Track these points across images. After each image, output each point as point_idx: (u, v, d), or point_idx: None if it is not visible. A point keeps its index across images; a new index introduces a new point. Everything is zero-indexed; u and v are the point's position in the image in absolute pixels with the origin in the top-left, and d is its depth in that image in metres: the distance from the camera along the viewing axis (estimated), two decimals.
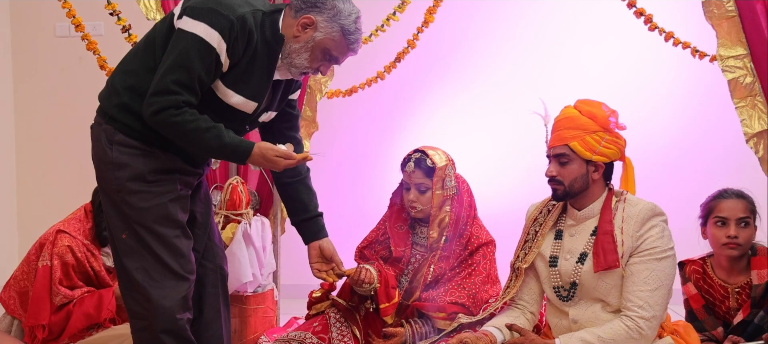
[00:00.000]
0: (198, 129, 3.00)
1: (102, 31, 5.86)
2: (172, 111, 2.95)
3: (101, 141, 3.07)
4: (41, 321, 3.78)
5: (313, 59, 3.17)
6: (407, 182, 3.79)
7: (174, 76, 2.94)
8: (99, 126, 3.10)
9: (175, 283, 3.10)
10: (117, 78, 3.10)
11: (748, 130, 4.21)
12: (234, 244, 4.52)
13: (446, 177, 3.75)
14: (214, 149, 3.09)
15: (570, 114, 3.33)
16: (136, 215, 3.05)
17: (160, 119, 2.97)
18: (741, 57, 4.19)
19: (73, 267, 3.84)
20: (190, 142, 3.06)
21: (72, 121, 6.31)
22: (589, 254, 3.29)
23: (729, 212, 3.58)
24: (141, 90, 3.02)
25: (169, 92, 2.94)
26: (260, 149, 3.11)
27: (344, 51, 3.18)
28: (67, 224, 3.91)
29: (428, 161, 3.73)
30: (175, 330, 3.12)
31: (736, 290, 3.61)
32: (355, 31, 3.14)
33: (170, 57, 2.96)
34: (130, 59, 3.14)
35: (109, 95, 3.10)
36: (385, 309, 3.70)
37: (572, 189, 3.30)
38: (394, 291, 3.73)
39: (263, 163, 3.15)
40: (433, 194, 3.73)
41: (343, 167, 6.50)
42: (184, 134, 3.02)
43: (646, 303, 3.14)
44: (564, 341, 3.20)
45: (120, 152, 3.03)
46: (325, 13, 3.09)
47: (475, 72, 6.35)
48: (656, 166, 6.05)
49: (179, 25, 2.99)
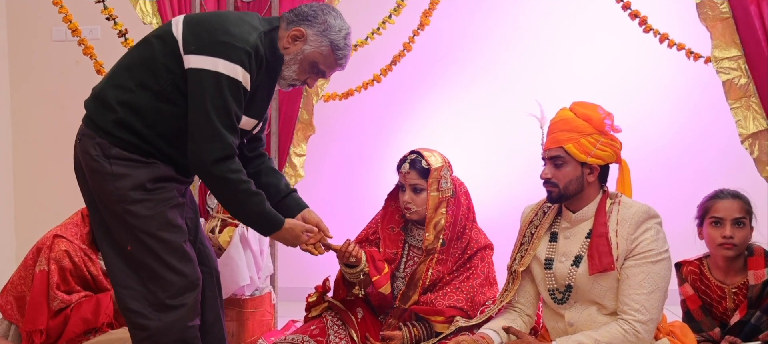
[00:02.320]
0: (247, 192, 3.10)
1: (98, 36, 5.88)
2: (229, 163, 3.02)
3: (95, 154, 3.03)
4: (39, 325, 3.78)
5: (301, 72, 3.22)
6: (402, 183, 3.80)
7: (220, 121, 2.97)
8: (91, 139, 3.06)
9: (186, 289, 3.08)
10: (109, 93, 3.06)
11: (743, 131, 4.23)
12: (231, 247, 4.52)
13: (442, 179, 3.75)
14: (252, 214, 3.18)
15: (565, 116, 3.33)
16: (141, 223, 3.02)
17: (220, 169, 3.02)
18: (735, 58, 4.21)
19: (71, 272, 3.84)
20: (235, 201, 3.14)
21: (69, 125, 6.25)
22: (584, 256, 3.30)
23: (724, 213, 3.58)
24: (136, 107, 3.01)
25: (222, 138, 2.99)
26: (290, 223, 3.26)
27: (332, 65, 3.24)
28: (64, 228, 3.91)
29: (423, 162, 3.73)
30: (185, 339, 3.10)
31: (733, 290, 3.62)
32: (344, 46, 3.20)
33: (203, 99, 2.96)
34: (121, 74, 3.09)
35: (102, 109, 3.06)
36: (378, 281, 3.69)
37: (567, 192, 3.30)
38: (382, 264, 3.73)
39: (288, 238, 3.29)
40: (428, 196, 3.73)
41: (340, 169, 6.51)
42: (232, 193, 3.10)
43: (642, 306, 3.14)
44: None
45: (118, 165, 3.02)
46: (315, 26, 3.16)
47: (471, 75, 6.35)
48: (652, 167, 6.06)
49: (195, 63, 2.97)
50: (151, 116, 3.02)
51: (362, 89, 5.41)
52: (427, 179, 3.72)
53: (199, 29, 3.01)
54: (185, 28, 3.02)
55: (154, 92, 3.01)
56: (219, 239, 4.59)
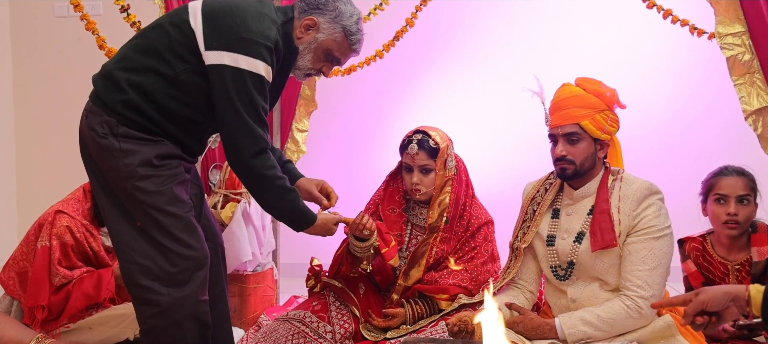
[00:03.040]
0: (282, 188, 3.15)
1: (100, 11, 5.86)
2: (264, 158, 3.07)
3: (102, 131, 3.02)
4: (40, 301, 3.78)
5: (316, 60, 3.25)
6: (409, 164, 3.77)
7: (250, 116, 3.01)
8: (98, 116, 3.04)
9: (196, 263, 3.07)
10: (119, 74, 3.04)
11: (747, 107, 4.21)
12: (233, 223, 4.52)
13: (448, 157, 3.74)
14: (287, 210, 3.23)
15: (576, 92, 3.32)
16: (150, 198, 3.01)
17: (257, 164, 3.06)
18: (739, 34, 4.18)
19: (72, 248, 3.84)
20: (270, 197, 3.18)
21: (71, 101, 6.28)
22: (587, 233, 3.29)
23: (729, 190, 3.56)
24: (147, 91, 3.01)
25: (253, 133, 3.03)
26: (322, 218, 3.33)
27: (346, 52, 3.28)
28: (65, 204, 3.91)
29: (431, 142, 3.71)
30: (197, 315, 3.09)
31: (736, 267, 3.61)
32: (356, 31, 3.24)
33: (230, 96, 2.98)
34: (134, 57, 3.07)
35: (111, 88, 3.04)
36: (388, 253, 3.68)
37: (583, 168, 3.30)
38: (389, 237, 3.73)
39: (321, 232, 3.36)
40: (436, 175, 3.71)
41: (342, 145, 6.51)
42: (266, 189, 3.14)
43: (644, 282, 3.15)
44: (563, 321, 3.21)
45: (126, 142, 3.01)
46: (327, 14, 3.19)
47: (473, 51, 6.35)
48: (656, 144, 6.06)
49: (217, 59, 2.99)
50: (161, 100, 3.03)
51: (365, 65, 5.39)
52: (435, 158, 3.71)
53: (219, 24, 3.01)
54: (205, 23, 3.02)
55: (167, 78, 3.02)
56: (221, 214, 4.59)
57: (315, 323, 3.68)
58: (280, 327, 3.66)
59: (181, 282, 3.04)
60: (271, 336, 3.62)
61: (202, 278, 3.10)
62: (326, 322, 3.70)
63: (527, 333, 3.26)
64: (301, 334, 3.61)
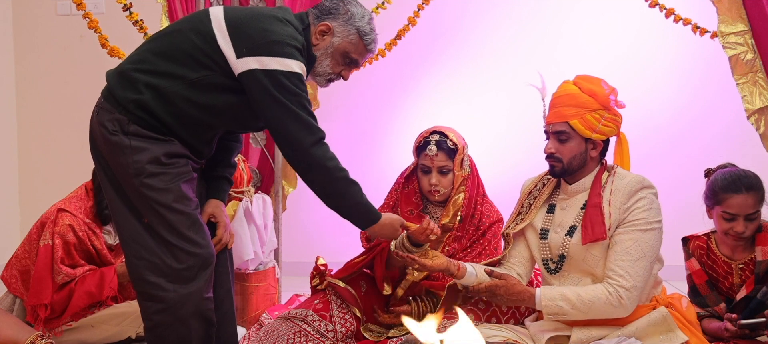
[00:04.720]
0: (346, 180, 3.16)
1: (103, 9, 5.88)
2: (324, 148, 3.10)
3: (112, 128, 3.03)
4: (43, 299, 3.78)
5: (335, 64, 3.29)
6: (427, 166, 3.77)
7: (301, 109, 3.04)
8: (110, 113, 3.04)
9: (202, 260, 3.08)
10: (138, 76, 3.05)
11: (749, 106, 4.21)
12: (235, 222, 4.53)
13: (464, 157, 3.76)
14: (351, 204, 3.22)
15: (570, 91, 3.32)
16: (158, 196, 3.02)
17: (318, 153, 3.08)
18: (742, 33, 4.19)
19: (75, 246, 3.84)
20: (334, 189, 3.18)
21: (73, 99, 6.32)
22: (578, 227, 3.31)
23: (738, 210, 3.46)
24: (164, 93, 3.02)
25: (307, 123, 3.06)
26: (388, 217, 3.33)
27: (362, 52, 3.31)
28: (68, 202, 3.91)
29: (449, 142, 3.72)
30: (201, 312, 3.09)
31: (740, 266, 3.61)
32: (370, 31, 3.28)
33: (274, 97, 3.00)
34: (152, 60, 3.08)
35: (127, 87, 3.05)
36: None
37: (571, 166, 3.31)
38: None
39: (386, 232, 3.34)
40: (454, 176, 3.72)
41: (344, 144, 6.50)
42: (329, 181, 3.15)
43: (626, 272, 3.16)
44: (544, 292, 3.23)
45: (136, 140, 3.02)
46: (339, 18, 3.23)
47: (476, 49, 6.34)
48: (658, 142, 6.05)
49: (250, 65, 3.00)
50: (178, 104, 3.04)
51: (367, 64, 5.38)
52: (453, 159, 3.72)
53: (246, 31, 3.04)
54: (231, 31, 3.04)
55: (187, 81, 3.03)
56: None
57: (317, 321, 3.68)
58: (281, 325, 3.67)
59: (186, 279, 3.04)
60: (272, 334, 3.63)
61: (208, 275, 3.10)
62: (328, 321, 3.70)
63: (507, 297, 3.28)
64: (303, 333, 3.62)
